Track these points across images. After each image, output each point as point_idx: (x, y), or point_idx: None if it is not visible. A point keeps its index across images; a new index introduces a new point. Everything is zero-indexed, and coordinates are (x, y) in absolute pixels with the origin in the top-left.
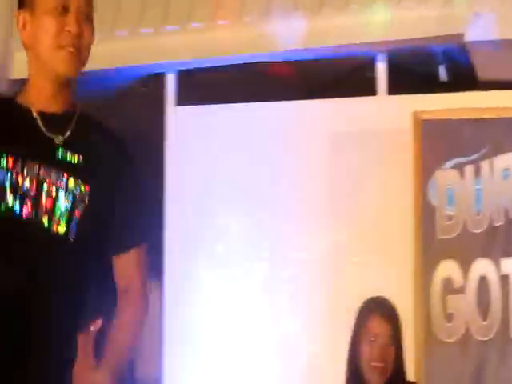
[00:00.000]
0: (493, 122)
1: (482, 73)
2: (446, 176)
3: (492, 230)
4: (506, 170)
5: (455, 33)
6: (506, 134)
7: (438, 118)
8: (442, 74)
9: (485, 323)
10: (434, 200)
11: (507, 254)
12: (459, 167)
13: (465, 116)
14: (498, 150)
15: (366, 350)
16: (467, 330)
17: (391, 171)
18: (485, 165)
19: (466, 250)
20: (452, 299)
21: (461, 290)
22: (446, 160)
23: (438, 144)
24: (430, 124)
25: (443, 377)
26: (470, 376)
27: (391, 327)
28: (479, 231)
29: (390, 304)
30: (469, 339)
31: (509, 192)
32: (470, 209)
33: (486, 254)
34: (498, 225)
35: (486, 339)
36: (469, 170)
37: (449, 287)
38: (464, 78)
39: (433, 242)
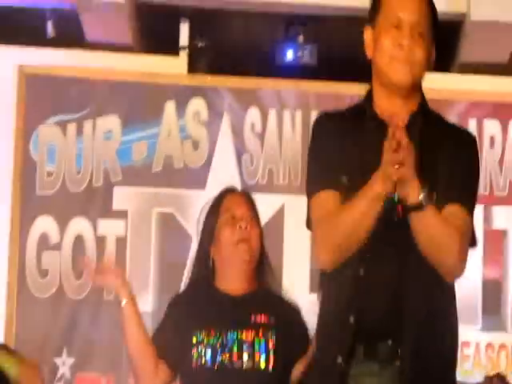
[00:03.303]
0: (98, 83)
1: (90, 34)
2: (48, 132)
3: (91, 190)
4: (108, 131)
5: None
6: (110, 96)
7: (43, 74)
8: (50, 30)
9: (78, 282)
10: (36, 155)
11: (104, 216)
12: (62, 124)
13: (70, 74)
14: (101, 111)
15: None
16: (61, 287)
17: None
18: (87, 124)
19: (63, 207)
20: (47, 255)
21: (57, 247)
22: (50, 116)
23: (43, 99)
24: (34, 79)
25: (35, 333)
26: (61, 333)
27: None
28: (78, 190)
29: None
30: (62, 297)
31: (109, 154)
32: (70, 167)
33: (83, 213)
34: (97, 185)
35: (78, 298)
36: (71, 128)
37: (45, 243)
38: (72, 36)
39: (31, 198)
